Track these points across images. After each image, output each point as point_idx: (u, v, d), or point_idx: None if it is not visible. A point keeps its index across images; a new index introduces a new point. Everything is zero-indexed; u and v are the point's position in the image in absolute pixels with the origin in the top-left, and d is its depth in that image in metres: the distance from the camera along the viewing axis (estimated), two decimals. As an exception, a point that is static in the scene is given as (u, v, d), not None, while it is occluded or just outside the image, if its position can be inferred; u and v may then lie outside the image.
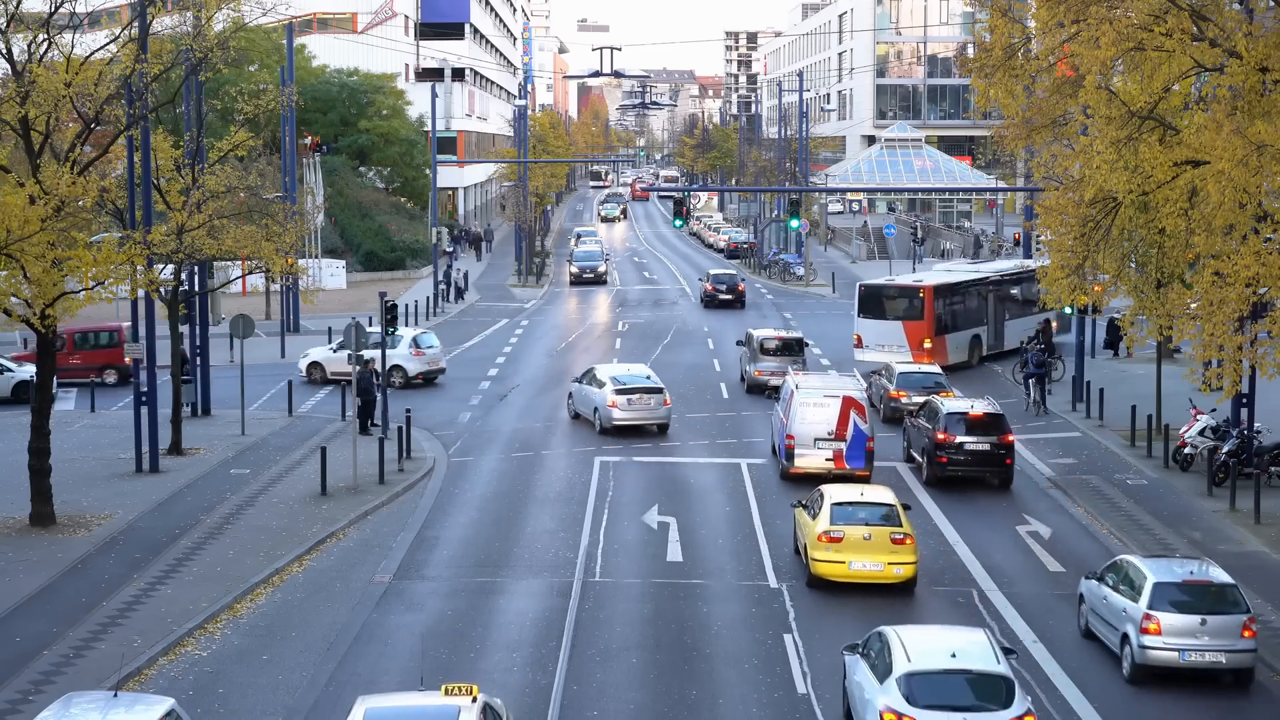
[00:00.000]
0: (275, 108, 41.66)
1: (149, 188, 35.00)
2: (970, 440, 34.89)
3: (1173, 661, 22.42)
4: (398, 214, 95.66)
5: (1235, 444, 34.17)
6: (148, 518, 31.13)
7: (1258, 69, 26.76)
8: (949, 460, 34.95)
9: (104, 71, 30.20)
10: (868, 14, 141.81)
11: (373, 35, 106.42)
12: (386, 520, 31.97)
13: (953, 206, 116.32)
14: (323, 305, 55.42)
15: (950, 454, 34.89)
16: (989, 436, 34.96)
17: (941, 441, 34.88)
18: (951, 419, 35.04)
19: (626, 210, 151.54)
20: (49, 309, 28.93)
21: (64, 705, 16.93)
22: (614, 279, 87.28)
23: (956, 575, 28.15)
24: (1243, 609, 22.62)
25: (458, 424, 42.56)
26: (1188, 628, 22.38)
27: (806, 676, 22.66)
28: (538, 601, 26.29)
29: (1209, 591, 22.79)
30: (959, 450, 34.86)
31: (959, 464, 35.04)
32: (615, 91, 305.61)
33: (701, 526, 31.42)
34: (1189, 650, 22.34)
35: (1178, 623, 22.37)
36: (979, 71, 34.05)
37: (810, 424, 34.95)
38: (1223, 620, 22.41)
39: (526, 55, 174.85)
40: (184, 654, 23.33)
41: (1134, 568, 23.62)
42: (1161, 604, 22.55)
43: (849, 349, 54.55)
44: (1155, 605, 22.52)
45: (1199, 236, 28.32)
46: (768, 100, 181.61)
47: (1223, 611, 22.49)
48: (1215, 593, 22.80)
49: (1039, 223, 36.43)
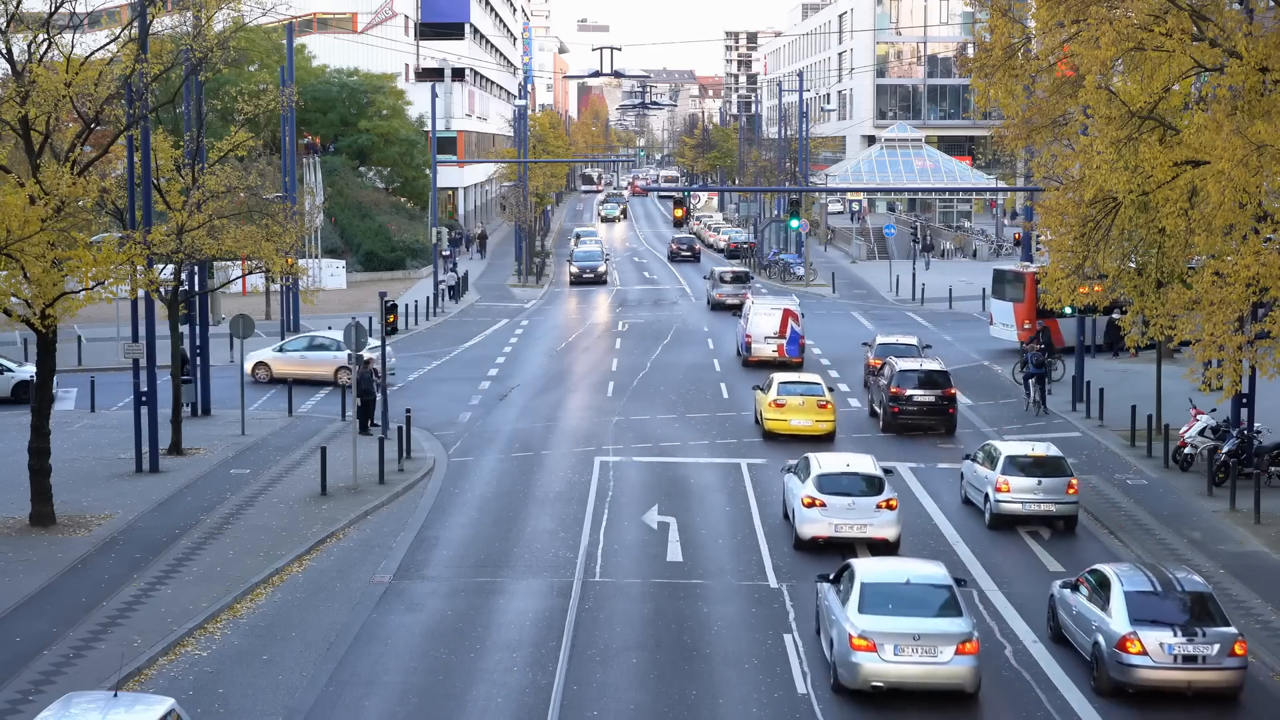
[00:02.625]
0: (275, 108, 41.64)
1: (149, 188, 34.99)
2: (919, 393, 40.72)
3: (1016, 511, 30.88)
4: (398, 214, 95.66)
5: (1235, 444, 34.16)
6: (148, 518, 31.12)
7: (1258, 69, 26.76)
8: (900, 410, 40.85)
9: (104, 71, 30.17)
10: (868, 14, 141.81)
11: (373, 35, 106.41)
12: (386, 520, 31.97)
13: (953, 206, 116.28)
14: (323, 305, 55.40)
15: (902, 405, 40.82)
16: (935, 390, 40.83)
17: (894, 394, 40.82)
18: (903, 375, 41.01)
19: (626, 210, 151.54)
20: (49, 309, 28.91)
21: (64, 705, 16.91)
22: (614, 279, 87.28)
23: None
24: (1067, 473, 31.03)
25: (458, 424, 42.56)
26: (1029, 486, 30.81)
27: (806, 676, 22.65)
28: (538, 601, 26.28)
29: (1045, 462, 31.13)
30: (909, 402, 40.76)
31: (909, 414, 40.88)
32: (615, 91, 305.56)
33: (701, 526, 31.42)
34: (1029, 503, 30.85)
35: (1023, 483, 30.81)
36: (979, 71, 34.05)
37: (761, 327, 51.88)
38: (1054, 481, 30.80)
39: (526, 55, 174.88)
40: (184, 654, 23.32)
41: (993, 447, 32.32)
42: (1011, 470, 30.95)
43: (849, 349, 54.67)
44: (1006, 472, 31.00)
45: (1199, 236, 28.31)
46: (768, 100, 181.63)
47: (1055, 475, 30.88)
48: (1050, 464, 31.10)
49: (1039, 223, 36.47)
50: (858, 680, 21.39)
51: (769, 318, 51.94)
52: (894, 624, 21.50)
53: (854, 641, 21.38)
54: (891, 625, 21.48)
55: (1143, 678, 21.50)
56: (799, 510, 29.39)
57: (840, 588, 22.77)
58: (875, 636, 21.30)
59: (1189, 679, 21.47)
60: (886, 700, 21.41)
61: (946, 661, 21.34)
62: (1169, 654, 21.41)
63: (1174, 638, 21.46)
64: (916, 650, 21.33)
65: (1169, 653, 21.41)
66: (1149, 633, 21.49)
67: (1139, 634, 21.50)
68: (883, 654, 21.26)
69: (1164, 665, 21.43)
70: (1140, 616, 21.77)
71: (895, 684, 21.40)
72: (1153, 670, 21.45)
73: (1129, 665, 21.53)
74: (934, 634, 21.44)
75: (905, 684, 21.47)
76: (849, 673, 21.50)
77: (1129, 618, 21.78)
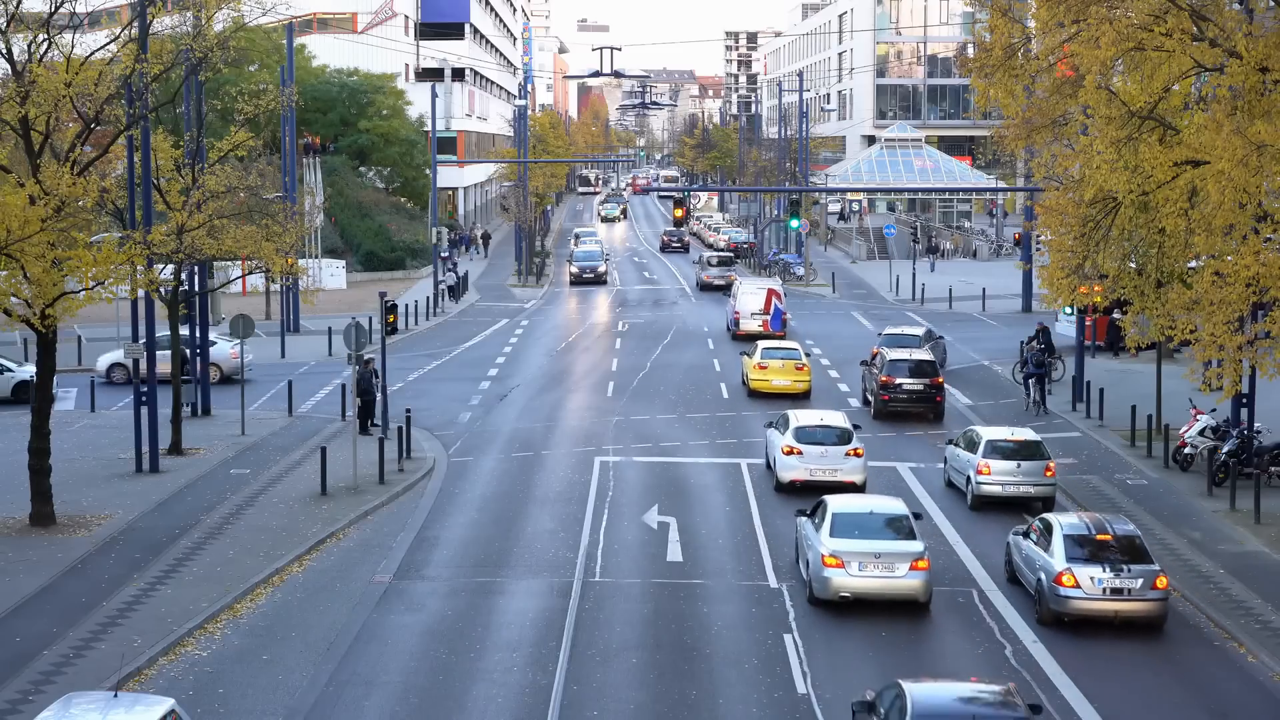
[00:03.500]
0: (275, 108, 41.60)
1: (149, 188, 34.98)
2: (908, 382, 42.67)
3: (996, 493, 32.26)
4: (398, 214, 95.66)
5: (1235, 444, 34.16)
6: (148, 518, 31.12)
7: (1258, 69, 26.74)
8: (890, 398, 42.73)
9: (104, 71, 30.15)
10: (868, 14, 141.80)
11: (373, 35, 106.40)
12: (386, 520, 31.97)
13: (953, 206, 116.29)
14: (323, 305, 55.45)
15: (892, 393, 42.74)
16: (923, 379, 42.81)
17: (885, 383, 42.81)
18: (893, 365, 43.00)
19: (626, 210, 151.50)
20: (49, 309, 28.90)
21: (64, 705, 16.91)
22: (614, 279, 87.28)
23: (956, 575, 28.14)
24: (1045, 456, 32.25)
25: (458, 424, 42.56)
26: (1009, 469, 32.17)
27: (806, 676, 22.66)
28: (538, 601, 26.28)
29: (1024, 446, 32.49)
30: (899, 390, 42.69)
31: (899, 401, 42.74)
32: (615, 91, 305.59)
33: (701, 526, 31.42)
34: (1009, 485, 32.29)
35: (1003, 466, 32.09)
36: (979, 71, 34.05)
37: (748, 305, 58.98)
38: (1032, 464, 32.05)
39: (526, 55, 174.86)
40: (184, 654, 23.32)
41: (975, 432, 33.73)
42: (991, 454, 32.46)
43: (849, 349, 54.66)
44: (987, 455, 32.40)
45: (1199, 236, 28.30)
46: (768, 100, 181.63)
47: (1033, 459, 32.15)
48: (1029, 448, 32.50)
49: (1039, 223, 36.47)
50: (829, 592, 25.44)
51: (755, 296, 59.26)
52: (859, 545, 25.52)
53: (826, 560, 25.44)
54: (857, 546, 25.49)
55: (1076, 608, 24.55)
56: (779, 458, 34.17)
57: (815, 520, 26.78)
58: (843, 555, 25.35)
59: (1115, 609, 24.52)
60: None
61: (902, 576, 25.40)
62: (1099, 587, 24.47)
63: (1103, 573, 24.49)
64: (877, 566, 25.41)
65: (1099, 586, 24.47)
66: (1082, 569, 24.56)
67: (1073, 569, 24.57)
68: (849, 570, 25.35)
69: (1094, 597, 24.47)
70: (1075, 555, 24.80)
71: (859, 594, 25.35)
72: (1084, 601, 24.50)
73: (1065, 597, 24.57)
74: (892, 553, 25.53)
75: (867, 594, 25.38)
76: (821, 586, 25.53)
77: (1066, 556, 24.79)
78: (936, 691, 18.44)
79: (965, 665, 23.43)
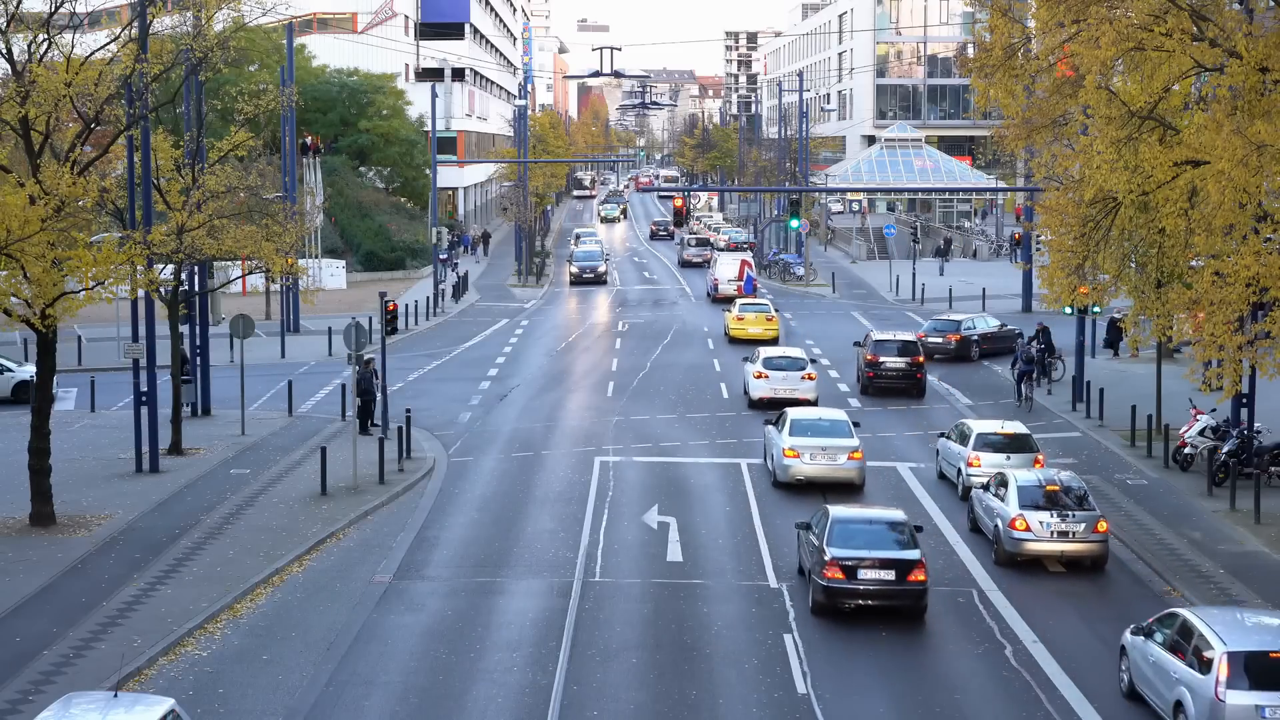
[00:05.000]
0: (275, 108, 41.62)
1: (149, 188, 34.98)
2: (891, 360, 46.76)
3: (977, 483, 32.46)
4: (398, 214, 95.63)
5: (1235, 444, 34.15)
6: (148, 518, 31.12)
7: (1258, 69, 26.75)
8: (875, 375, 46.88)
9: (104, 71, 30.15)
10: (868, 14, 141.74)
11: (373, 35, 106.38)
12: (386, 520, 31.97)
13: (953, 206, 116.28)
14: (323, 305, 55.43)
15: (876, 371, 46.83)
16: (905, 358, 46.74)
17: (870, 361, 47.10)
18: (878, 344, 47.35)
19: (626, 210, 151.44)
20: (49, 309, 28.91)
21: (64, 706, 16.90)
22: (614, 279, 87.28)
23: (957, 575, 28.16)
24: (1034, 449, 33.70)
25: (458, 424, 42.55)
26: (998, 462, 32.86)
27: (806, 676, 22.66)
28: (538, 601, 26.28)
29: (1013, 439, 33.86)
30: (882, 368, 46.72)
31: (883, 379, 46.81)
32: (615, 91, 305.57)
33: (701, 526, 31.42)
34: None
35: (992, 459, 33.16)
36: (979, 71, 34.05)
37: (725, 273, 73.04)
38: (1021, 456, 33.27)
39: (526, 55, 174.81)
40: (184, 654, 23.32)
41: (965, 425, 35.06)
42: (981, 447, 33.38)
43: (849, 349, 54.60)
44: (977, 448, 33.43)
45: (1199, 236, 28.31)
46: (768, 100, 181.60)
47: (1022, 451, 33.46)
48: (1018, 440, 33.79)
49: (1039, 223, 36.48)
50: (788, 477, 34.04)
51: (730, 266, 73.49)
52: (810, 441, 34.07)
53: (786, 452, 34.04)
54: (809, 442, 34.04)
55: (1027, 549, 28.17)
56: (751, 382, 44.58)
57: (778, 425, 35.22)
58: (799, 448, 33.95)
59: (1061, 549, 28.13)
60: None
61: (843, 464, 33.89)
62: (1047, 530, 28.02)
63: (1050, 518, 28.02)
64: (823, 456, 33.87)
65: (1046, 529, 28.02)
66: (1032, 514, 28.12)
67: (1024, 514, 28.12)
68: (803, 459, 33.89)
69: (1043, 539, 28.02)
70: (1027, 503, 28.29)
71: (811, 478, 33.80)
72: (1034, 542, 28.08)
73: (1018, 539, 28.16)
74: (835, 447, 34.00)
75: (817, 478, 33.80)
76: (783, 473, 34.18)
77: (1019, 504, 28.30)
78: (850, 510, 26.99)
79: (965, 665, 23.43)
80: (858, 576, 24.80)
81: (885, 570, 24.84)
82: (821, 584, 25.00)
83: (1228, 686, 19.00)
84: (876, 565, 24.82)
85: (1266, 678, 19.06)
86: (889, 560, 24.89)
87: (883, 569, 24.83)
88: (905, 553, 25.01)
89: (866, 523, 26.01)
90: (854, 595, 24.92)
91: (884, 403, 45.90)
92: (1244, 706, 18.87)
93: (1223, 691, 19.02)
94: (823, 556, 25.03)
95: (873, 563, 24.83)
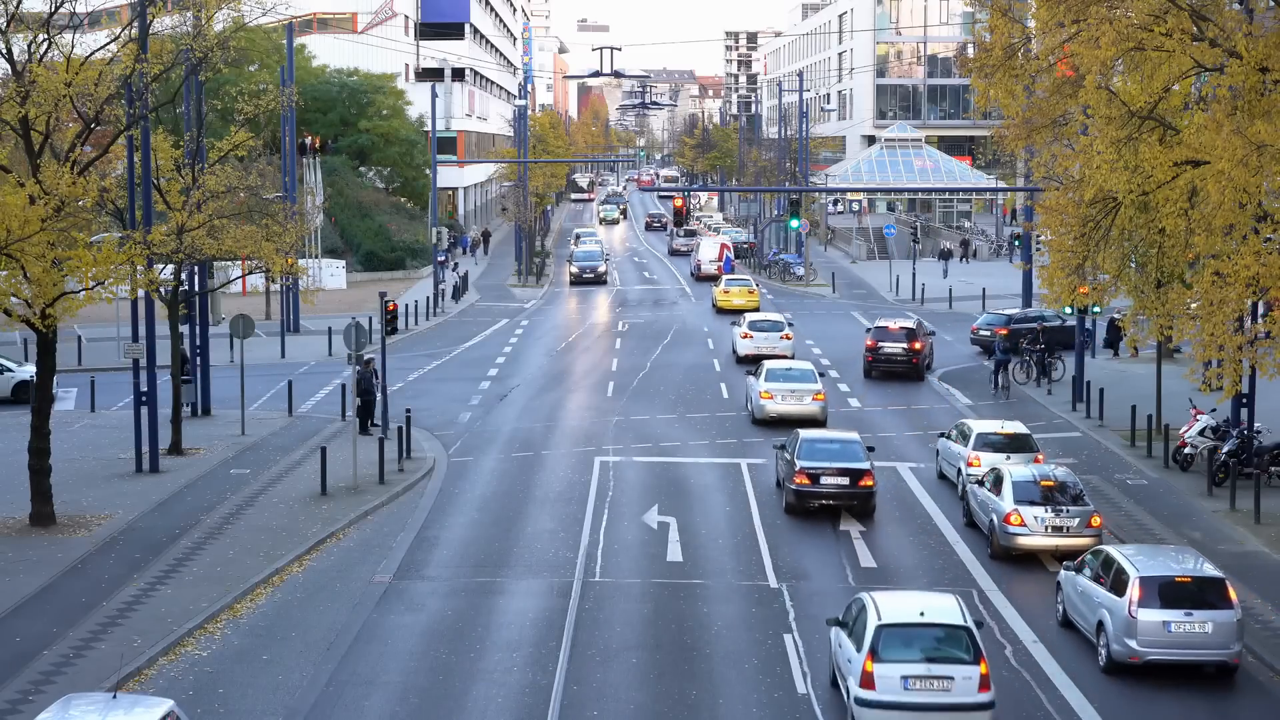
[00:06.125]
0: (275, 108, 41.60)
1: (149, 188, 34.98)
2: (888, 345, 49.73)
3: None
4: (398, 214, 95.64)
5: (1235, 444, 34.14)
6: (148, 518, 31.12)
7: (1258, 69, 26.75)
8: (874, 359, 49.91)
9: (104, 71, 30.14)
10: (868, 14, 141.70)
11: (373, 35, 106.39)
12: (386, 520, 31.97)
13: (953, 206, 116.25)
14: (323, 305, 55.43)
15: (874, 355, 49.93)
16: (901, 343, 49.64)
17: (870, 346, 50.23)
18: (877, 330, 50.57)
19: (626, 210, 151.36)
20: (49, 309, 28.90)
21: (63, 707, 16.86)
22: (614, 279, 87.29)
23: (957, 575, 28.17)
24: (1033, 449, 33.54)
25: (458, 424, 42.55)
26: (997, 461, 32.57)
27: (806, 676, 22.66)
28: (538, 601, 26.28)
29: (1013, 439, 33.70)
30: (880, 353, 49.84)
31: (881, 362, 49.79)
32: (615, 91, 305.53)
33: (701, 526, 31.42)
34: None
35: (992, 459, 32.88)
36: (979, 71, 34.05)
37: (707, 255, 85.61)
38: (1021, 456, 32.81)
39: (526, 55, 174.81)
40: (184, 654, 23.32)
41: (966, 425, 35.06)
42: (981, 446, 33.59)
43: (848, 349, 54.71)
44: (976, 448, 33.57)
45: (1199, 236, 28.32)
46: (768, 100, 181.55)
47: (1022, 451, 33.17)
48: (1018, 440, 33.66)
49: (1039, 223, 36.49)
50: (763, 415, 41.04)
51: (712, 249, 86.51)
52: (781, 385, 41.14)
53: (761, 394, 41.22)
54: (779, 386, 41.13)
55: (1021, 543, 28.51)
56: (738, 341, 52.84)
57: (756, 375, 42.29)
58: (772, 390, 41.09)
59: (1055, 544, 28.34)
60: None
61: (808, 403, 40.90)
62: (1041, 525, 28.34)
63: (1045, 513, 28.32)
64: (791, 397, 40.90)
65: (1041, 524, 28.34)
66: (1027, 509, 28.41)
67: (1019, 510, 28.44)
68: (775, 401, 40.98)
69: (1037, 533, 28.37)
70: (1021, 499, 28.59)
71: (782, 415, 40.57)
72: (1028, 537, 28.42)
73: (1012, 534, 28.50)
74: (801, 389, 41.04)
75: (786, 416, 40.46)
76: (759, 412, 41.29)
77: (1014, 499, 28.62)
78: (815, 432, 33.46)
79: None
80: (820, 482, 31.30)
81: (842, 477, 31.35)
82: (793, 489, 31.53)
83: (1140, 605, 22.39)
84: (835, 473, 31.34)
85: (1172, 598, 22.52)
86: (844, 469, 31.38)
87: (840, 476, 31.34)
88: (858, 463, 31.61)
89: (827, 441, 32.58)
90: (818, 496, 31.40)
91: (884, 403, 45.94)
92: (1153, 622, 22.36)
93: (1135, 610, 22.40)
94: (793, 468, 31.55)
95: (832, 471, 31.32)
